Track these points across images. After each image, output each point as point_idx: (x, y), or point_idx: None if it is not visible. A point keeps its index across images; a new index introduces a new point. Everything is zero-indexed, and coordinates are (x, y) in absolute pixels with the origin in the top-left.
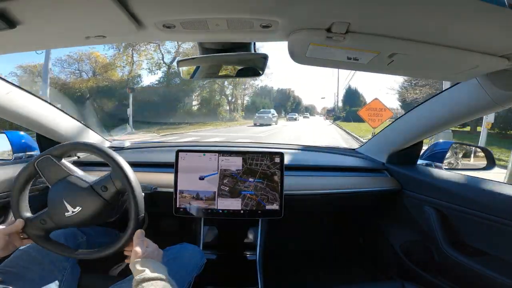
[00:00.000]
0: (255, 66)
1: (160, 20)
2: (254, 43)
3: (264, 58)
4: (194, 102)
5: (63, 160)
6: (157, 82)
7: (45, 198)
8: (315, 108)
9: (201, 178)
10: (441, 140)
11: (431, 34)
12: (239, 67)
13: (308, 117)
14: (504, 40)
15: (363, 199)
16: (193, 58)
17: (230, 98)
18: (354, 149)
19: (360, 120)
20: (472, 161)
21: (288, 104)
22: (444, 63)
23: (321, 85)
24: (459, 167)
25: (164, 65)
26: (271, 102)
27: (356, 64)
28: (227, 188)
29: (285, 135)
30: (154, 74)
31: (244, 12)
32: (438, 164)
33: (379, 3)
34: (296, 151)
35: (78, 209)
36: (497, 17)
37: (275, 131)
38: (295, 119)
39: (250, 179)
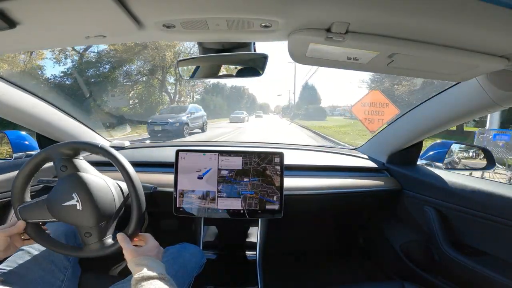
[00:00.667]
0: (255, 66)
1: (160, 20)
2: (254, 43)
3: (264, 58)
4: (131, 101)
5: (26, 198)
6: (62, 74)
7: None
8: (268, 107)
9: (200, 178)
10: (439, 141)
11: (431, 34)
12: (239, 67)
13: (261, 116)
14: (504, 40)
15: (363, 199)
16: (193, 58)
17: (173, 96)
18: (354, 149)
19: (319, 118)
20: (472, 161)
21: (242, 103)
22: (444, 63)
23: (277, 82)
24: (459, 167)
25: (74, 53)
26: (223, 101)
27: (356, 64)
28: (227, 188)
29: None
30: (62, 64)
31: (244, 12)
32: (438, 164)
33: (379, 4)
34: (296, 151)
35: (75, 197)
36: (497, 17)
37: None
38: (243, 120)
39: (250, 179)
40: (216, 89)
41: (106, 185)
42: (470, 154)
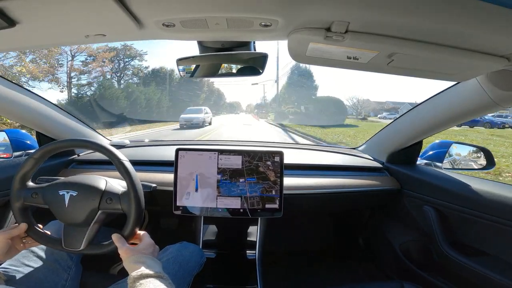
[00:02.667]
0: (255, 65)
1: (160, 19)
2: (254, 42)
3: (264, 57)
4: None
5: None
6: None
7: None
8: (240, 105)
9: (200, 177)
10: (438, 141)
11: (431, 34)
12: (239, 66)
13: (197, 124)
14: (504, 40)
15: (363, 198)
16: (192, 57)
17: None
18: (354, 148)
19: (335, 120)
20: (471, 161)
21: (201, 97)
22: (444, 63)
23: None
24: (458, 167)
25: None
26: (166, 97)
27: (356, 63)
28: (227, 187)
29: None
30: None
31: (244, 11)
32: (437, 164)
33: (379, 3)
34: (296, 150)
35: (63, 192)
36: (497, 17)
37: None
38: (198, 123)
39: (250, 178)
40: (158, 76)
41: (108, 222)
42: (470, 154)
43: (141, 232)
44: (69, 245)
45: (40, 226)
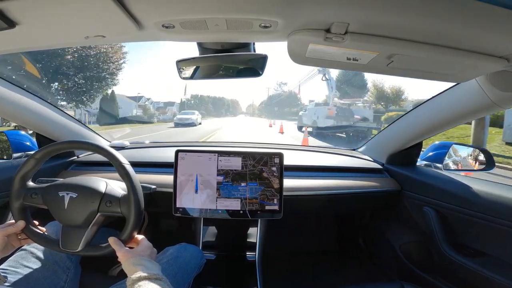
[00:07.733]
0: (254, 66)
1: (159, 20)
2: (254, 43)
3: (264, 58)
4: None
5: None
6: None
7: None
8: (238, 105)
9: (200, 178)
10: (438, 142)
11: (431, 35)
12: (239, 67)
13: (194, 122)
14: (504, 41)
15: (363, 199)
16: (192, 58)
17: None
18: (354, 150)
19: None
20: (471, 162)
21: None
22: (443, 63)
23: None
24: (458, 168)
25: None
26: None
27: (356, 64)
28: (227, 188)
29: None
30: None
31: (243, 12)
32: (437, 165)
33: (378, 4)
34: (296, 151)
35: (63, 194)
36: (496, 17)
37: None
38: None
39: (250, 179)
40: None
41: (108, 223)
42: (470, 154)
43: (139, 236)
44: (67, 246)
45: (36, 222)
